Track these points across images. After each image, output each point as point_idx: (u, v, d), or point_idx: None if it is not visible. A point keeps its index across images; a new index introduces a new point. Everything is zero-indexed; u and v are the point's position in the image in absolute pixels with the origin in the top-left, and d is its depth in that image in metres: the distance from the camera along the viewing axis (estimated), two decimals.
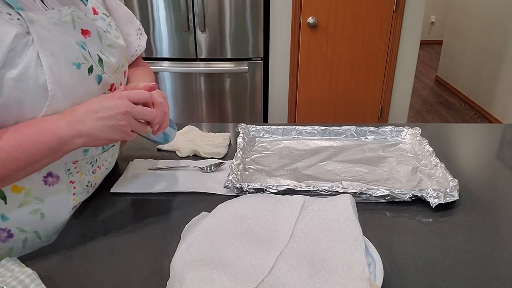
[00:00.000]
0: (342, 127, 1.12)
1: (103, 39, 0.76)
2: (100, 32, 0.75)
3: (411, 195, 0.82)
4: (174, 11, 2.52)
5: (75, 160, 0.76)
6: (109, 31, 0.80)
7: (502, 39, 3.51)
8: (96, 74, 0.72)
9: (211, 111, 2.81)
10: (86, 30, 0.73)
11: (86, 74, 0.71)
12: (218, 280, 0.58)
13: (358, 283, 0.57)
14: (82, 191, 0.80)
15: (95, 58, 0.73)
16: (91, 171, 0.81)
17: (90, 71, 0.71)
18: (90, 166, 0.80)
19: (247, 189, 0.84)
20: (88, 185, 0.82)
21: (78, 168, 0.77)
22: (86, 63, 0.71)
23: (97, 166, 0.82)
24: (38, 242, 0.76)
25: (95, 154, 0.80)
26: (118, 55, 0.79)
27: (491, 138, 1.16)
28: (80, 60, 0.69)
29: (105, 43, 0.76)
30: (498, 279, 0.64)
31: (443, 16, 5.80)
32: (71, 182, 0.77)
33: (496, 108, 3.57)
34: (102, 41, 0.76)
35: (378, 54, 2.63)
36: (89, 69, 0.71)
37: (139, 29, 0.98)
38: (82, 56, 0.70)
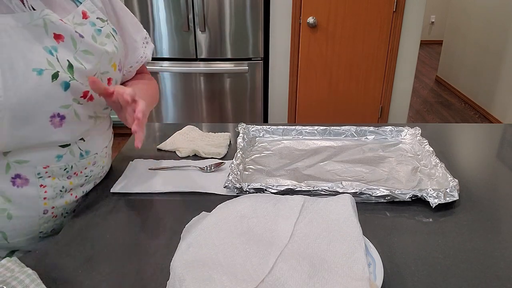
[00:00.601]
0: (342, 127, 1.12)
1: (78, 44, 0.73)
2: (74, 38, 0.73)
3: (411, 195, 0.82)
4: (174, 11, 2.52)
5: (46, 165, 0.75)
6: (95, 37, 0.77)
7: (502, 39, 3.51)
8: (62, 81, 0.70)
9: (211, 111, 2.81)
10: (59, 35, 0.71)
11: (49, 81, 0.68)
12: (218, 280, 0.58)
13: (358, 283, 0.57)
14: (55, 195, 0.78)
15: (64, 64, 0.71)
16: (65, 177, 0.79)
17: (55, 77, 0.69)
18: (65, 172, 0.78)
19: (247, 189, 0.84)
20: (62, 190, 0.79)
21: (50, 173, 0.76)
22: (51, 69, 0.68)
23: (74, 173, 0.80)
24: (4, 243, 0.76)
25: (70, 161, 0.78)
26: (96, 62, 0.76)
27: (491, 138, 1.16)
28: (43, 66, 0.67)
29: (79, 49, 0.74)
30: (498, 279, 0.64)
31: (443, 16, 5.79)
32: (42, 186, 0.76)
33: (496, 108, 3.57)
34: (76, 47, 0.73)
35: (378, 54, 2.63)
36: (53, 75, 0.69)
37: (145, 38, 0.97)
38: (46, 62, 0.68)
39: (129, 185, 0.89)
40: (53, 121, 0.71)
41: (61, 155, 0.76)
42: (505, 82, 3.44)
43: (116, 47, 0.81)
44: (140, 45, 0.95)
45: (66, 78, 0.71)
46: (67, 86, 0.71)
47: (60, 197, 0.79)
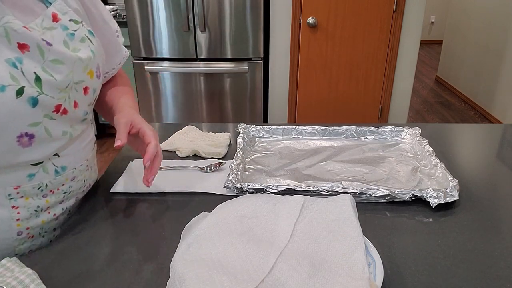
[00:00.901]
0: (342, 127, 1.12)
1: (46, 53, 0.65)
2: (41, 46, 0.65)
3: (411, 195, 0.82)
4: (174, 11, 2.52)
5: (16, 186, 0.68)
6: (67, 42, 0.70)
7: (502, 39, 3.51)
8: (29, 96, 0.63)
9: (211, 111, 2.81)
10: (23, 44, 0.63)
11: (13, 97, 0.61)
12: (218, 280, 0.58)
13: (358, 283, 0.57)
14: (29, 216, 0.72)
15: (30, 77, 0.63)
16: (40, 196, 0.72)
17: (19, 94, 0.62)
18: (39, 191, 0.71)
19: (247, 189, 0.84)
20: (37, 209, 0.73)
21: (22, 193, 0.69)
22: (14, 85, 0.61)
23: (49, 191, 0.73)
24: None
25: (44, 179, 0.71)
26: (69, 71, 0.68)
27: (491, 138, 1.16)
28: (5, 82, 0.60)
29: (48, 59, 0.66)
30: (498, 279, 0.64)
31: (443, 16, 5.80)
32: (14, 207, 0.69)
33: (496, 108, 3.57)
34: (44, 56, 0.65)
35: (378, 54, 2.63)
36: (17, 91, 0.61)
37: (116, 31, 0.88)
38: (9, 77, 0.61)
39: (129, 185, 0.89)
40: (21, 141, 0.65)
41: (33, 174, 0.69)
42: (505, 82, 3.44)
43: (92, 51, 0.74)
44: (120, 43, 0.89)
45: (34, 93, 0.63)
46: (35, 102, 0.64)
47: (35, 216, 0.73)
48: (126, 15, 2.58)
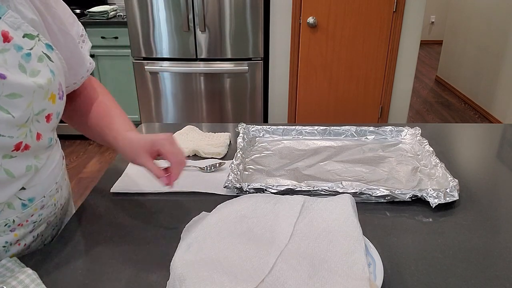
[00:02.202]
0: (342, 127, 1.12)
1: (1, 88, 0.55)
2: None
3: (411, 195, 0.82)
4: (174, 11, 2.52)
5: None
6: (24, 66, 0.59)
7: (502, 39, 3.51)
8: None
9: (211, 111, 2.81)
10: None
11: None
12: (218, 280, 0.58)
13: (358, 283, 0.57)
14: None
15: None
16: (8, 231, 0.65)
17: None
18: (6, 228, 0.65)
19: (247, 189, 0.84)
20: (5, 245, 0.66)
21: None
22: None
23: (18, 224, 0.66)
24: None
25: (11, 215, 0.64)
26: (28, 103, 0.59)
27: (491, 138, 1.16)
28: None
29: (3, 94, 0.55)
30: (498, 278, 0.64)
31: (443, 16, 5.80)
32: None
33: (496, 108, 3.57)
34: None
35: (378, 54, 2.63)
36: None
37: (81, 36, 0.76)
38: None
39: (129, 185, 0.89)
40: None
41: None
42: (505, 82, 3.44)
43: (52, 71, 0.63)
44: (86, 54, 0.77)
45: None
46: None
47: (6, 251, 0.67)
48: (126, 15, 2.58)
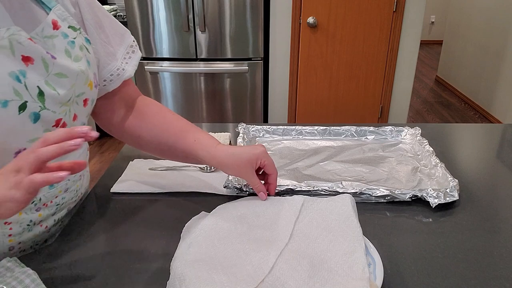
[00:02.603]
0: (342, 127, 1.12)
1: (50, 67, 0.63)
2: (46, 59, 0.63)
3: (411, 195, 0.82)
4: (174, 11, 2.52)
5: None
6: (69, 51, 0.67)
7: (502, 39, 3.51)
8: (31, 112, 0.61)
9: (211, 111, 2.81)
10: (27, 57, 0.61)
11: (15, 113, 0.59)
12: (218, 280, 0.58)
13: (358, 283, 0.57)
14: (21, 230, 0.70)
15: (33, 91, 0.61)
16: (33, 210, 0.71)
17: (22, 109, 0.60)
18: (33, 205, 0.70)
19: (247, 189, 0.84)
20: (29, 224, 0.71)
21: None
22: (17, 100, 0.59)
23: (43, 204, 0.72)
24: None
25: (39, 194, 0.69)
26: (71, 84, 0.67)
27: (491, 138, 1.16)
28: (8, 97, 0.58)
29: (52, 72, 0.63)
30: (498, 278, 0.64)
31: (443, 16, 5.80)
32: (6, 223, 0.68)
33: (496, 108, 3.58)
34: (48, 70, 0.63)
35: (378, 54, 2.63)
36: (20, 107, 0.59)
37: (131, 46, 0.83)
38: (13, 91, 0.59)
39: (129, 185, 0.89)
40: None
41: None
42: (505, 82, 3.45)
43: (88, 61, 0.71)
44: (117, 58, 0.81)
45: (36, 108, 0.61)
46: (37, 118, 0.62)
47: (28, 231, 0.71)
48: (126, 15, 2.58)
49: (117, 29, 0.81)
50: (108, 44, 0.79)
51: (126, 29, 0.83)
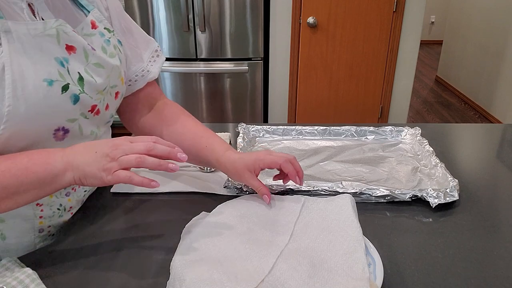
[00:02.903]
0: (342, 127, 1.12)
1: (90, 57, 0.71)
2: (87, 50, 0.70)
3: (411, 195, 0.82)
4: (174, 11, 2.52)
5: None
6: (105, 48, 0.75)
7: (502, 39, 3.51)
8: (72, 93, 0.67)
9: (211, 111, 2.81)
10: (71, 46, 0.68)
11: (59, 93, 0.65)
12: (218, 280, 0.58)
13: (358, 283, 0.57)
14: (52, 214, 0.74)
15: (74, 76, 0.68)
16: (63, 194, 0.76)
17: (65, 90, 0.66)
18: (63, 189, 0.75)
19: (247, 189, 0.84)
20: (60, 208, 0.76)
21: None
22: (61, 81, 0.66)
23: (72, 188, 0.77)
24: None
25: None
26: (107, 75, 0.74)
27: (491, 138, 1.16)
28: (53, 77, 0.65)
29: (91, 62, 0.71)
30: (498, 278, 0.64)
31: (443, 16, 5.80)
32: (38, 204, 0.72)
33: (496, 108, 3.57)
34: (87, 59, 0.71)
35: (378, 54, 2.63)
36: (63, 87, 0.66)
37: (156, 51, 0.91)
38: (57, 73, 0.65)
39: (129, 185, 0.89)
40: (56, 135, 0.68)
41: None
42: (505, 82, 3.45)
43: (120, 59, 0.79)
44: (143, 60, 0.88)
45: (76, 91, 0.68)
46: (76, 99, 0.68)
47: (58, 216, 0.76)
48: None
49: (144, 36, 0.90)
50: (136, 48, 0.87)
51: (150, 37, 0.91)
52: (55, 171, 0.61)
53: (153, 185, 0.62)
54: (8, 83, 0.60)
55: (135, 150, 0.62)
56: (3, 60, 0.60)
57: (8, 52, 0.60)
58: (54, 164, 0.61)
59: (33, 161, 0.61)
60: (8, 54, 0.60)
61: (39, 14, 0.67)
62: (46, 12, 0.68)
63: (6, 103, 0.60)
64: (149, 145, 0.63)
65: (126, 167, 0.61)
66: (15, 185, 0.59)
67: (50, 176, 0.61)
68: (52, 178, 0.61)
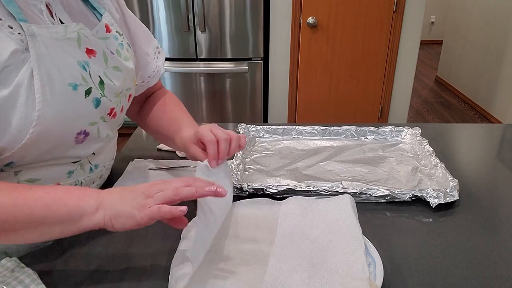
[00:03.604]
0: (342, 127, 1.12)
1: (109, 60, 0.72)
2: (106, 53, 0.71)
3: (411, 195, 0.82)
4: (174, 11, 2.52)
5: (56, 182, 0.71)
6: (120, 51, 0.75)
7: (502, 39, 3.51)
8: (94, 97, 0.68)
9: (211, 111, 2.81)
10: (91, 50, 0.69)
11: (82, 96, 0.66)
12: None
13: (358, 283, 0.57)
14: None
15: (95, 80, 0.69)
16: None
17: (88, 94, 0.67)
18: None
19: (247, 189, 0.84)
20: None
21: None
22: (84, 85, 0.66)
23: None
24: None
25: (80, 176, 0.75)
26: (123, 79, 0.75)
27: (491, 138, 1.16)
28: (77, 81, 0.65)
29: (110, 65, 0.72)
30: (498, 278, 0.64)
31: (443, 16, 5.80)
32: None
33: (496, 108, 3.57)
34: (107, 63, 0.72)
35: (378, 54, 2.63)
36: (86, 91, 0.67)
37: (157, 47, 0.92)
38: (81, 77, 0.66)
39: (129, 185, 0.89)
40: (78, 138, 0.69)
41: (72, 171, 0.73)
42: (505, 82, 3.44)
43: (133, 62, 0.80)
44: (152, 58, 0.90)
45: (98, 95, 0.69)
46: (98, 103, 0.69)
47: None
48: None
49: (145, 31, 0.89)
50: (143, 46, 0.88)
51: (149, 31, 0.91)
52: (87, 207, 0.58)
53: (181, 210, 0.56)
54: (37, 88, 0.60)
55: (172, 185, 0.58)
56: (32, 65, 0.59)
57: (35, 56, 0.60)
58: (88, 201, 0.58)
59: (69, 195, 0.58)
60: (36, 59, 0.60)
61: (56, 15, 0.67)
62: (63, 13, 0.68)
63: (36, 108, 0.60)
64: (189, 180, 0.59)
65: (161, 203, 0.56)
66: (43, 215, 0.56)
67: (80, 212, 0.57)
68: (82, 215, 0.57)
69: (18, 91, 0.59)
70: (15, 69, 0.59)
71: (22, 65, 0.59)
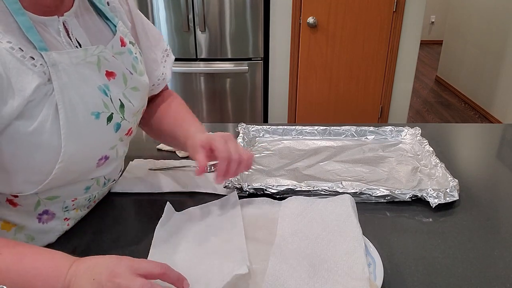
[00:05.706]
0: (342, 127, 1.12)
1: (128, 81, 0.70)
2: (126, 74, 0.69)
3: (411, 195, 0.82)
4: (174, 11, 2.52)
5: (74, 198, 0.71)
6: (135, 67, 0.73)
7: (502, 39, 3.51)
8: (115, 122, 0.67)
9: (211, 111, 2.81)
10: (111, 72, 0.67)
11: (104, 124, 0.65)
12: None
13: (358, 283, 0.57)
14: (72, 224, 0.76)
15: (116, 104, 0.67)
16: (86, 207, 0.77)
17: (109, 120, 0.65)
18: (87, 202, 0.76)
19: (247, 189, 0.84)
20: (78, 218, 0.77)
21: (75, 205, 0.73)
22: (106, 112, 0.65)
23: (93, 201, 0.79)
24: None
25: (95, 190, 0.75)
26: (141, 97, 0.74)
27: (491, 138, 1.16)
28: (100, 109, 0.64)
29: (129, 86, 0.70)
30: (498, 278, 0.64)
31: (443, 16, 5.79)
32: (66, 219, 0.73)
33: (496, 108, 3.57)
34: (126, 84, 0.69)
35: (378, 54, 2.63)
36: (108, 118, 0.65)
37: (165, 50, 0.89)
38: (102, 104, 0.64)
39: (129, 185, 0.89)
40: (99, 163, 0.68)
41: (89, 186, 0.73)
42: (505, 82, 3.44)
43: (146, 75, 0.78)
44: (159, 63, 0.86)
45: (118, 119, 0.68)
46: (118, 127, 0.68)
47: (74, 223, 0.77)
48: None
49: (155, 33, 0.86)
50: (152, 51, 0.84)
51: (160, 33, 0.88)
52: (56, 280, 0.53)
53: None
54: (63, 123, 0.58)
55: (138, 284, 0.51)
56: (56, 97, 0.58)
57: (59, 89, 0.58)
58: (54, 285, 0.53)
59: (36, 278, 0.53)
60: (60, 92, 0.58)
61: (73, 35, 0.65)
62: (78, 29, 0.66)
63: (62, 143, 0.58)
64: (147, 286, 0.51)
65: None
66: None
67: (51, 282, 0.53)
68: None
69: (43, 127, 0.57)
70: (39, 103, 0.57)
71: (46, 99, 0.57)
